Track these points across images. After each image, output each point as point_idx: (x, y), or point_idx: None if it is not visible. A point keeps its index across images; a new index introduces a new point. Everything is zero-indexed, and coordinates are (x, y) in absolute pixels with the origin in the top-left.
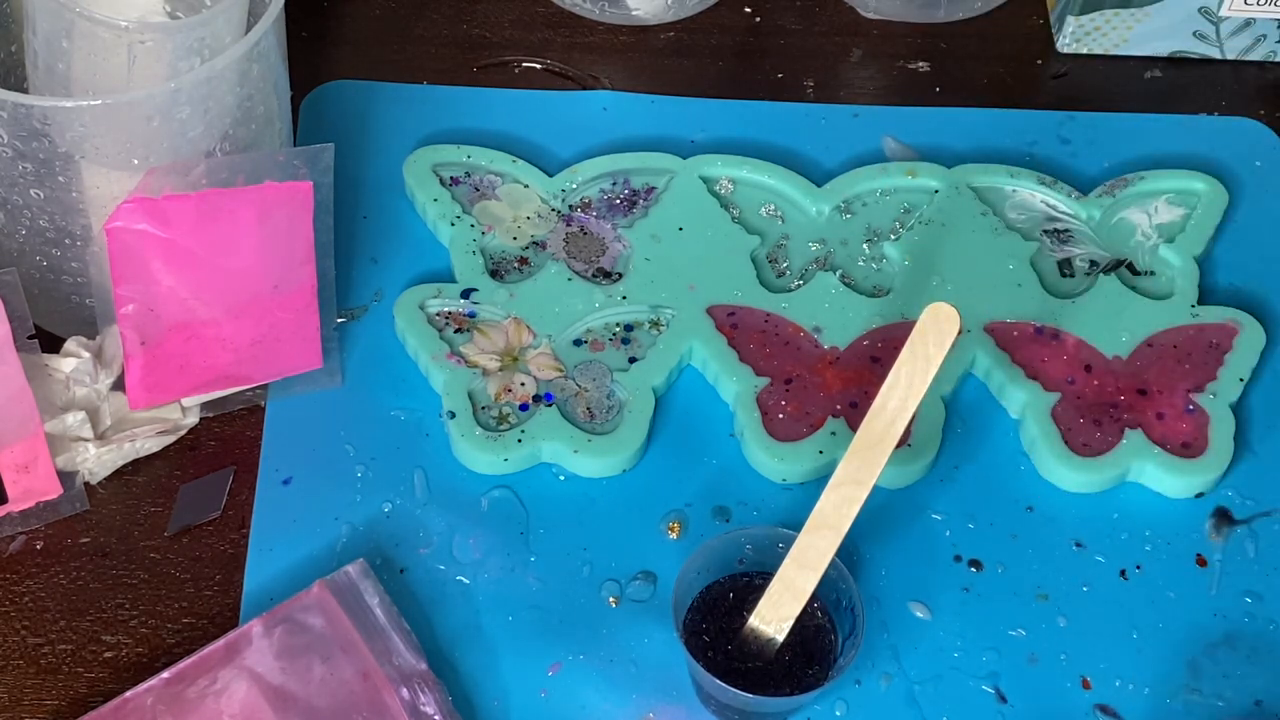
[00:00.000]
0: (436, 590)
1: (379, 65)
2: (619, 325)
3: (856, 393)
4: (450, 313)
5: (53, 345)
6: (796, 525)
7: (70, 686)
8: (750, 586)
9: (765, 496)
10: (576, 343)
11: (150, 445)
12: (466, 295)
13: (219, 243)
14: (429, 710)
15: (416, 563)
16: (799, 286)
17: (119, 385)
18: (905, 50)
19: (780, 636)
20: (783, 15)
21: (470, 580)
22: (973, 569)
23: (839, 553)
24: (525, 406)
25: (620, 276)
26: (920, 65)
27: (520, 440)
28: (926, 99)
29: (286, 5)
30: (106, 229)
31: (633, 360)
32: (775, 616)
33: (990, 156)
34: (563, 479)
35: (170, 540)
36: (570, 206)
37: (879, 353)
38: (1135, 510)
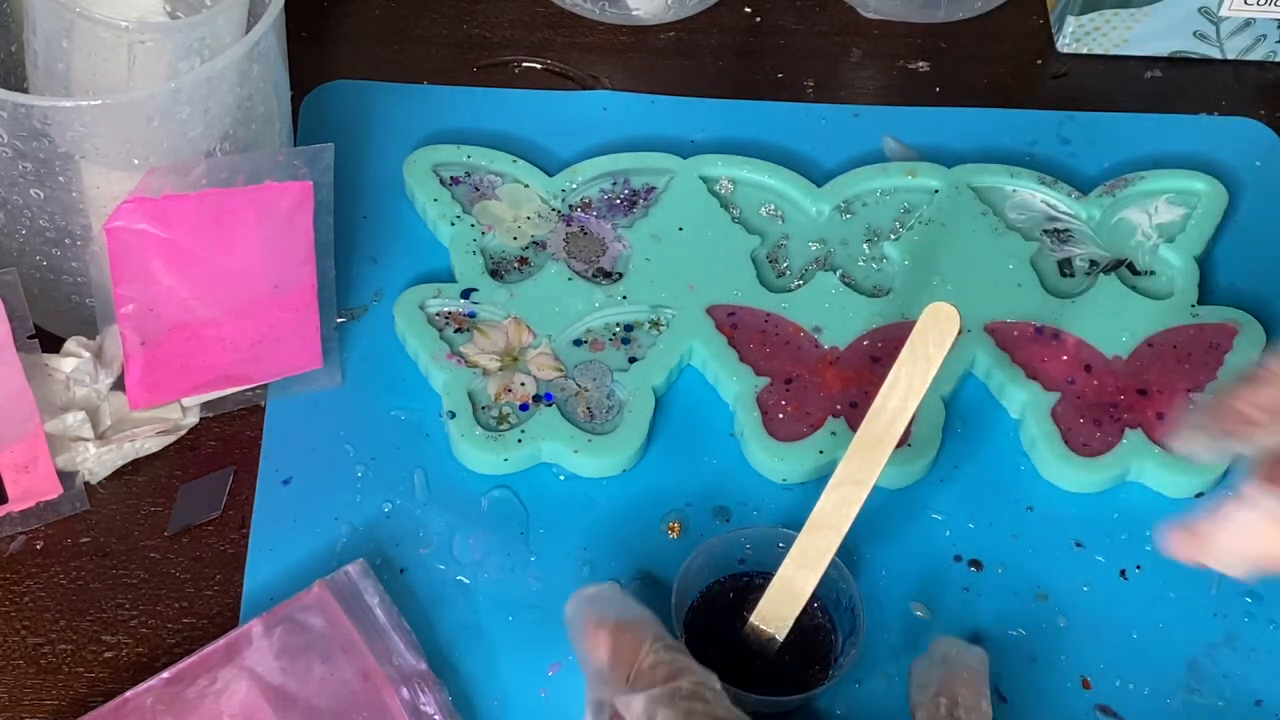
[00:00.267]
0: (436, 590)
1: (379, 65)
2: (619, 325)
3: (856, 393)
4: (450, 313)
5: (53, 345)
6: (797, 525)
7: (70, 686)
8: (751, 586)
9: (765, 496)
10: (576, 343)
11: (150, 445)
12: (466, 295)
13: (219, 243)
14: (429, 710)
15: (416, 563)
16: (799, 286)
17: (119, 385)
18: (905, 50)
19: (780, 636)
20: (783, 15)
21: (470, 580)
22: (973, 569)
23: (839, 552)
24: (525, 406)
25: (620, 276)
26: (920, 65)
27: (520, 440)
28: (926, 99)
29: (286, 5)
30: (106, 229)
31: (633, 360)
32: (775, 616)
33: (990, 156)
34: (563, 479)
35: (170, 540)
36: (570, 206)
37: (879, 353)
38: (1135, 510)
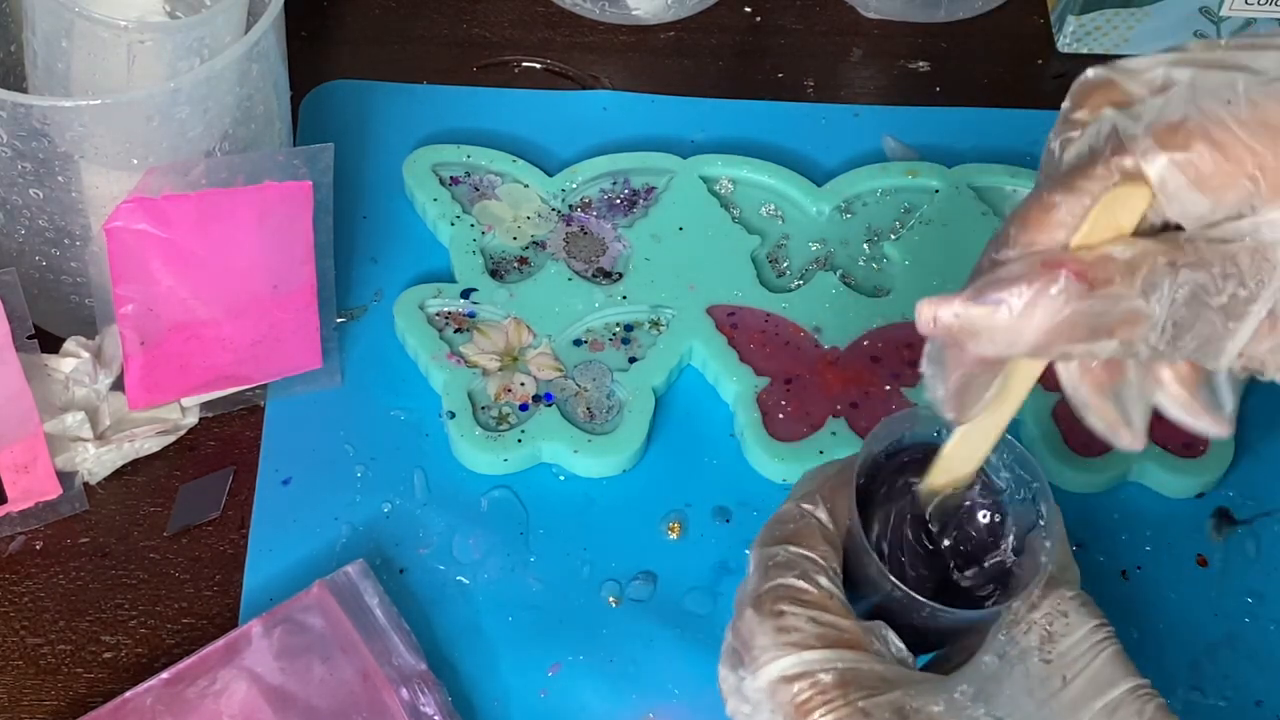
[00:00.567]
0: (436, 590)
1: (379, 65)
2: (619, 325)
3: (857, 393)
4: (450, 313)
5: (52, 345)
6: None
7: (70, 687)
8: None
9: (766, 496)
10: (576, 343)
11: (150, 445)
12: (466, 295)
13: (219, 243)
14: (429, 710)
15: (416, 563)
16: (799, 286)
17: (119, 385)
18: (905, 50)
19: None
20: (783, 15)
21: (470, 580)
22: None
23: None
24: (525, 406)
25: (620, 276)
26: (920, 65)
27: (520, 440)
28: (927, 99)
29: (286, 5)
30: (106, 229)
31: (633, 360)
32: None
33: (991, 156)
34: (563, 479)
35: (170, 540)
36: (570, 206)
37: (879, 353)
38: (1136, 510)
